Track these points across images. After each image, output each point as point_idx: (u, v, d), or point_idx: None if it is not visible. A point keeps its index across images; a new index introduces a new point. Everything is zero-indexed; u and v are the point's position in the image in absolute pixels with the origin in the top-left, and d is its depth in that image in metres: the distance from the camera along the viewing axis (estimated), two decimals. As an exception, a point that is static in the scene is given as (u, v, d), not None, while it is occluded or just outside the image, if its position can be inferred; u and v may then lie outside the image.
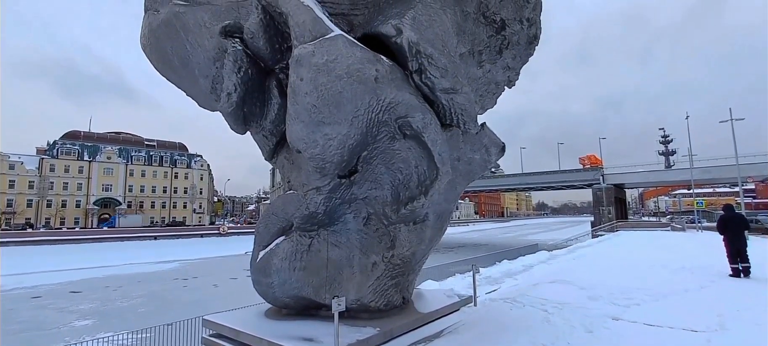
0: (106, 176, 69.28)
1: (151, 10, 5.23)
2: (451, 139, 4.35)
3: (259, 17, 4.10)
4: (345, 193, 4.11)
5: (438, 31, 3.86)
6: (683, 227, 29.51)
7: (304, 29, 3.58)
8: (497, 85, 5.22)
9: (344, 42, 3.50)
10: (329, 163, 3.78)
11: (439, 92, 3.94)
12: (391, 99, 3.63)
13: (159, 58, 5.34)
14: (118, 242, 49.68)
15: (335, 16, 4.14)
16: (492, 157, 4.98)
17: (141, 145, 77.00)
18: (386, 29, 3.72)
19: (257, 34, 4.20)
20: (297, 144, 3.77)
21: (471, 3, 4.29)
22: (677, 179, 48.00)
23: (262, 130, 4.86)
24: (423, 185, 4.10)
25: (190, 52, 4.96)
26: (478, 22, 4.47)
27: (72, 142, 68.25)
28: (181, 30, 4.88)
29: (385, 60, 3.62)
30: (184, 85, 5.61)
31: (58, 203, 64.06)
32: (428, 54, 3.73)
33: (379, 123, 3.72)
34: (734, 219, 8.84)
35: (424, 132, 3.82)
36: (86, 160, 67.61)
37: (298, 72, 3.55)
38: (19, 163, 62.20)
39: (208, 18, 4.65)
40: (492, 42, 4.69)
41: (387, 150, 3.95)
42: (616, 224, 38.72)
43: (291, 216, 4.29)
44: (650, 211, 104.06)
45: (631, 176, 49.26)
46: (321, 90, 3.45)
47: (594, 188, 48.88)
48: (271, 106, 4.64)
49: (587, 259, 12.49)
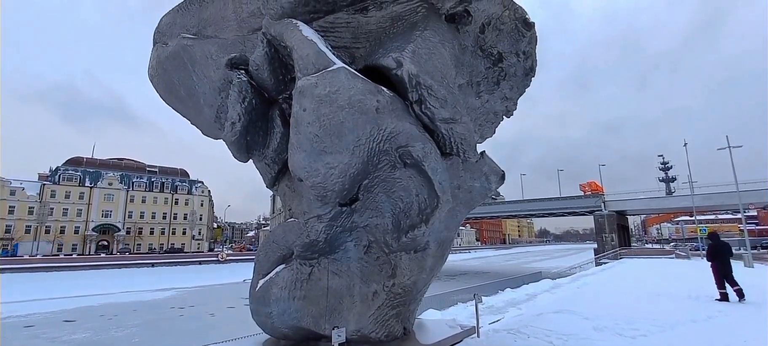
0: (107, 202, 69.20)
1: (160, 43, 5.43)
2: (451, 168, 4.39)
3: (265, 50, 4.25)
4: (346, 221, 4.12)
5: (437, 63, 3.99)
6: (687, 254, 29.14)
7: (308, 62, 3.71)
8: (496, 115, 5.32)
9: (346, 74, 3.61)
10: (331, 191, 3.81)
11: (439, 122, 4.03)
12: (391, 129, 3.70)
13: (166, 89, 5.49)
14: (116, 269, 49.03)
15: (338, 49, 4.29)
16: (492, 185, 5.01)
17: (143, 172, 77.35)
18: (387, 62, 3.84)
19: (262, 66, 4.34)
20: (299, 173, 3.82)
21: (468, 37, 4.45)
22: (679, 206, 47.78)
23: (264, 158, 4.93)
24: (424, 213, 4.11)
25: (196, 82, 5.11)
26: (475, 54, 4.62)
27: (74, 168, 68.63)
28: (189, 62, 5.05)
29: (386, 91, 3.73)
30: (189, 114, 5.74)
31: (56, 229, 63.67)
32: (428, 85, 3.84)
33: (380, 152, 3.77)
34: (722, 247, 9.50)
35: (424, 161, 3.87)
36: (87, 186, 67.72)
37: (301, 102, 3.65)
38: (20, 189, 62.28)
39: (214, 50, 4.82)
40: (489, 73, 4.83)
41: (388, 179, 3.99)
42: (619, 251, 38.27)
43: (291, 244, 4.28)
44: (653, 238, 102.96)
45: (632, 203, 49.09)
46: (323, 120, 3.53)
47: (596, 215, 48.63)
48: (274, 135, 4.72)
49: (591, 288, 12.28)
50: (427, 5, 4.12)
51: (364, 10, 4.28)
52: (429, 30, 4.02)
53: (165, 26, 5.36)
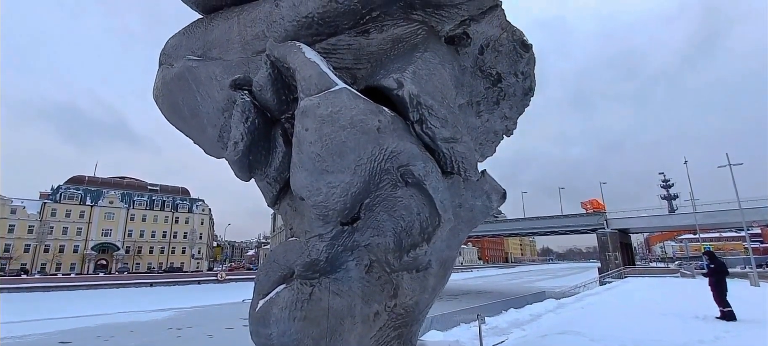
0: (107, 220, 69.05)
1: (166, 64, 5.54)
2: (453, 187, 4.41)
3: (268, 71, 4.33)
4: (347, 240, 4.11)
5: (437, 83, 4.05)
6: (692, 273, 28.75)
7: (310, 83, 3.78)
8: (496, 134, 5.37)
9: (348, 94, 3.67)
10: (332, 210, 3.82)
11: (440, 141, 4.06)
12: (393, 148, 3.73)
13: (170, 109, 5.57)
14: (114, 288, 48.50)
15: (340, 70, 4.38)
16: (493, 203, 5.01)
17: (144, 190, 77.48)
18: (388, 82, 3.91)
19: (265, 86, 4.41)
20: (301, 192, 3.83)
21: (468, 58, 4.54)
22: (682, 224, 47.44)
23: (266, 177, 4.95)
24: (425, 232, 4.10)
25: (200, 103, 5.18)
26: (475, 75, 4.70)
27: (76, 187, 68.80)
28: (193, 83, 5.13)
29: (387, 111, 3.78)
30: (192, 134, 5.80)
31: (55, 248, 63.32)
32: (428, 105, 3.89)
33: (382, 171, 3.80)
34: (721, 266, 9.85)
35: (425, 180, 3.89)
36: (88, 204, 67.70)
37: (304, 122, 3.70)
38: (20, 208, 62.27)
39: (219, 72, 4.91)
40: (489, 94, 4.90)
41: (389, 197, 4.00)
42: (623, 270, 37.79)
43: (292, 264, 4.26)
44: (657, 256, 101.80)
45: (635, 221, 48.79)
46: (325, 140, 3.57)
47: (598, 233, 48.25)
48: (276, 154, 4.75)
49: (596, 307, 12.09)
50: (427, 28, 4.22)
51: (365, 32, 4.38)
52: (429, 52, 4.11)
53: (171, 48, 5.48)
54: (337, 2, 4.11)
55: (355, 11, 4.14)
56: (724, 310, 9.08)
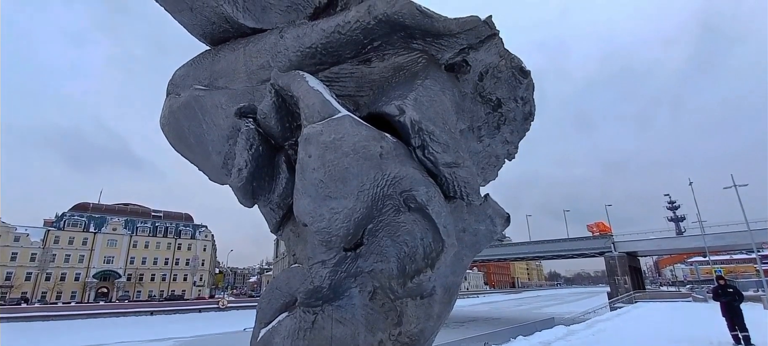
0: (110, 247, 68.85)
1: (173, 93, 5.68)
2: (456, 211, 4.40)
3: (272, 100, 4.43)
4: (350, 266, 4.08)
5: (438, 109, 4.13)
6: (705, 297, 27.99)
7: (314, 111, 3.86)
8: (497, 158, 5.41)
9: (351, 121, 3.74)
10: (335, 236, 3.81)
11: (442, 166, 4.10)
12: (395, 173, 3.77)
13: (176, 137, 5.67)
14: (114, 317, 47.78)
15: (342, 98, 4.47)
16: (497, 227, 4.99)
17: (147, 216, 77.58)
18: (390, 109, 3.99)
19: (270, 114, 4.50)
20: (304, 218, 3.85)
21: (468, 84, 4.63)
22: (691, 246, 46.59)
23: (269, 203, 4.97)
24: (429, 258, 4.07)
25: (206, 130, 5.28)
26: (475, 100, 4.78)
27: (80, 214, 69.03)
28: (199, 111, 5.25)
29: (389, 137, 3.84)
30: (197, 161, 5.88)
31: (56, 275, 62.89)
32: (430, 131, 3.95)
33: (384, 197, 3.82)
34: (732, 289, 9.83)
35: (428, 205, 3.90)
36: (92, 231, 67.70)
37: (307, 149, 3.75)
38: (24, 236, 62.33)
39: (224, 100, 5.03)
40: (490, 119, 4.97)
41: (392, 223, 4.00)
42: (634, 294, 36.87)
43: (295, 291, 4.21)
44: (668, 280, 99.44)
45: (643, 244, 47.99)
46: (328, 166, 3.61)
47: (606, 257, 47.42)
48: (279, 180, 4.80)
49: (608, 334, 11.76)
50: (427, 56, 4.34)
51: (367, 61, 4.50)
52: (430, 79, 4.21)
53: (179, 78, 5.63)
54: (339, 33, 4.25)
55: (357, 41, 4.27)
56: (742, 335, 8.89)
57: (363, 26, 4.16)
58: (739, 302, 9.35)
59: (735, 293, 9.50)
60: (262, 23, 4.94)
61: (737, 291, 9.64)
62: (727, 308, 9.38)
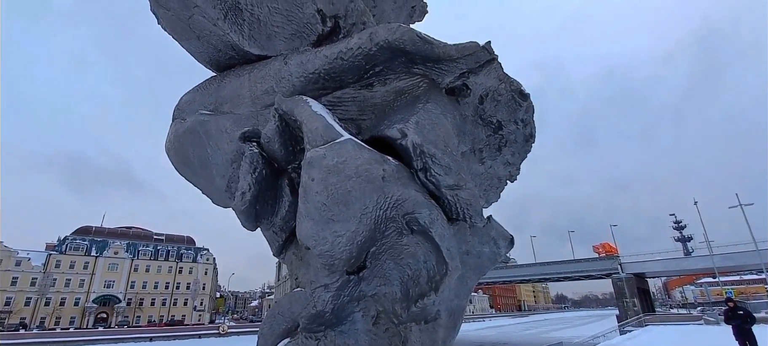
0: (110, 272, 68.33)
1: (179, 118, 5.79)
2: (459, 233, 4.39)
3: (276, 124, 4.51)
4: (353, 290, 4.04)
5: (440, 132, 4.18)
6: (717, 320, 27.26)
7: (317, 135, 3.92)
8: (500, 180, 5.43)
9: (353, 145, 3.79)
10: (338, 259, 3.80)
11: (444, 189, 4.11)
12: (398, 196, 3.78)
13: (181, 161, 5.75)
14: (112, 343, 46.91)
15: (345, 121, 4.54)
16: (501, 249, 4.96)
17: (149, 240, 77.31)
18: (392, 133, 4.04)
19: (273, 138, 4.57)
20: (306, 241, 3.85)
21: (468, 107, 4.71)
22: (699, 267, 45.73)
23: (272, 226, 4.98)
24: (433, 281, 4.03)
25: (210, 154, 5.36)
26: (476, 123, 4.85)
27: (82, 238, 68.91)
28: (204, 135, 5.34)
29: (391, 160, 3.88)
30: (201, 185, 5.93)
31: (56, 301, 62.21)
32: (432, 154, 3.99)
33: (387, 219, 3.82)
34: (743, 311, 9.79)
35: (431, 227, 3.89)
36: (93, 255, 67.38)
37: (310, 173, 3.79)
38: (25, 260, 62.06)
39: (229, 125, 5.12)
40: (491, 141, 5.02)
41: (395, 245, 3.98)
42: (643, 317, 35.99)
43: (297, 316, 4.16)
44: (678, 302, 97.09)
45: (650, 265, 47.17)
46: (331, 189, 3.64)
47: (613, 278, 46.56)
48: (282, 203, 4.82)
49: (617, 360, 11.40)
50: (428, 81, 4.43)
51: (369, 86, 4.60)
52: (431, 102, 4.28)
53: (185, 104, 5.76)
54: (342, 59, 4.36)
55: (359, 67, 4.38)
56: None
57: (365, 52, 4.28)
58: (750, 324, 9.16)
59: (746, 315, 9.33)
60: (266, 50, 5.08)
61: (748, 313, 9.46)
62: (738, 331, 9.17)
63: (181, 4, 5.07)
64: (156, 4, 5.31)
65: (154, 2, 5.32)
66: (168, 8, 5.23)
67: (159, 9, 5.34)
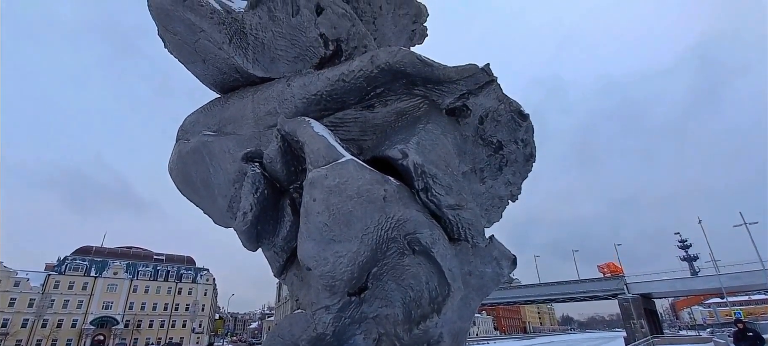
0: (109, 292, 67.50)
1: (183, 139, 5.86)
2: (461, 254, 4.36)
3: (279, 145, 4.55)
4: (355, 312, 3.99)
5: (440, 153, 4.21)
6: (727, 342, 26.57)
7: (319, 155, 3.95)
8: (501, 200, 5.43)
9: (355, 165, 3.82)
10: (339, 280, 3.77)
11: (446, 208, 4.12)
12: (399, 216, 3.78)
13: (183, 181, 5.78)
14: (108, 367, 45.84)
15: (346, 142, 4.59)
16: (504, 270, 4.91)
17: (149, 260, 76.72)
18: (393, 153, 4.08)
19: (275, 158, 4.61)
20: (308, 262, 3.83)
21: (469, 128, 4.76)
22: (706, 287, 44.87)
23: (273, 246, 4.96)
24: (435, 302, 3.99)
25: (213, 174, 5.39)
26: (476, 143, 4.89)
27: (82, 258, 68.39)
28: (207, 156, 5.39)
29: (392, 180, 3.89)
30: (203, 205, 5.94)
31: (53, 322, 61.26)
32: (433, 174, 4.01)
33: (389, 240, 3.81)
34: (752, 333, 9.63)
35: (432, 247, 3.88)
36: (92, 276, 66.74)
37: (312, 193, 3.81)
38: (24, 280, 61.45)
39: (232, 145, 5.17)
40: (491, 160, 5.05)
41: (397, 266, 3.96)
42: (652, 339, 35.13)
43: (298, 338, 4.10)
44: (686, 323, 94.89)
45: (657, 285, 46.34)
46: (332, 210, 3.64)
47: (620, 299, 45.70)
48: (284, 223, 4.81)
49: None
50: (428, 102, 4.50)
51: (370, 106, 4.67)
52: (431, 123, 4.34)
53: (189, 125, 5.83)
54: (344, 81, 4.44)
55: (360, 89, 4.45)
56: None
57: (366, 74, 4.36)
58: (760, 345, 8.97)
59: (756, 337, 9.13)
60: (270, 72, 5.18)
61: (758, 335, 9.26)
62: None
63: (188, 28, 5.20)
64: (163, 29, 5.45)
65: (161, 27, 5.46)
66: (175, 33, 5.37)
67: (166, 33, 5.48)
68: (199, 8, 4.96)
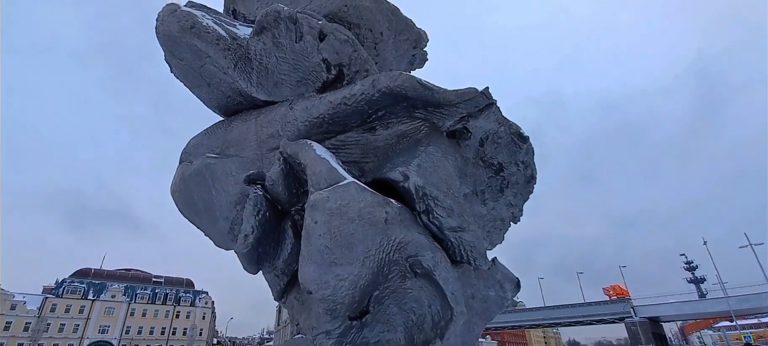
0: (107, 316, 66.36)
1: (186, 161, 5.91)
2: (463, 276, 4.31)
3: (281, 167, 4.59)
4: (356, 337, 3.92)
5: (441, 175, 4.24)
6: (740, 368, 25.80)
7: (320, 178, 3.98)
8: (503, 222, 5.41)
9: (356, 188, 3.84)
10: (340, 304, 3.72)
11: (447, 231, 4.10)
12: (401, 239, 3.77)
13: (185, 203, 5.79)
14: (102, 394, 44.59)
15: (348, 164, 4.62)
16: (507, 293, 4.84)
17: (148, 282, 75.75)
18: (394, 175, 4.10)
19: (278, 181, 4.63)
20: (308, 285, 3.79)
21: (470, 150, 4.80)
22: (715, 310, 43.92)
23: (274, 269, 4.92)
24: (438, 327, 3.91)
25: (215, 196, 5.41)
26: (477, 165, 4.91)
27: (80, 280, 67.57)
28: (210, 178, 5.42)
29: (394, 203, 3.90)
30: (204, 226, 5.93)
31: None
32: (434, 196, 4.02)
33: (390, 262, 3.78)
34: None
35: (434, 270, 3.84)
36: (90, 298, 65.78)
37: (313, 215, 3.81)
38: (21, 303, 60.56)
39: (235, 168, 5.21)
40: (492, 182, 5.06)
41: (399, 289, 3.92)
42: (661, 365, 34.08)
43: (297, 364, 4.02)
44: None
45: (664, 308, 45.43)
46: (334, 232, 3.64)
47: (627, 323, 44.72)
48: (285, 246, 4.79)
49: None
50: (429, 124, 4.56)
51: (372, 129, 4.73)
52: (432, 146, 4.38)
53: (192, 147, 5.89)
54: (346, 105, 4.52)
55: (362, 112, 4.52)
56: None
57: (368, 98, 4.44)
58: None
59: None
60: (273, 96, 5.28)
61: None
62: None
63: (194, 54, 5.34)
64: (170, 55, 5.59)
65: (168, 53, 5.60)
66: (182, 58, 5.50)
67: (173, 59, 5.62)
68: (206, 35, 5.10)
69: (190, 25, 5.16)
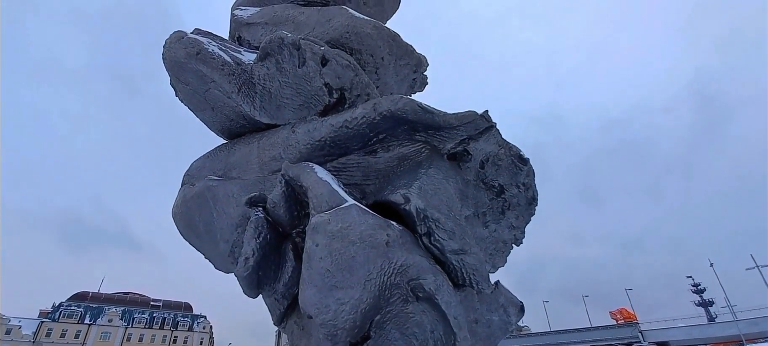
0: (102, 341, 65.19)
1: (188, 183, 5.95)
2: (466, 300, 4.26)
3: (282, 189, 4.61)
4: (356, 363, 3.84)
5: (443, 197, 4.25)
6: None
7: (322, 200, 4.00)
8: (505, 244, 5.38)
9: (357, 210, 3.85)
10: (341, 329, 3.66)
11: (449, 253, 4.08)
12: (402, 262, 3.75)
13: (186, 225, 5.80)
14: None
15: (349, 186, 4.65)
16: (511, 317, 4.76)
17: (146, 306, 74.73)
18: (395, 198, 4.12)
19: (279, 203, 4.65)
20: (309, 309, 3.75)
21: (470, 172, 4.83)
22: (725, 334, 42.78)
23: (274, 293, 4.88)
24: (440, 353, 3.84)
25: (216, 219, 5.41)
26: (478, 187, 4.93)
27: (77, 304, 66.74)
28: (211, 200, 5.44)
29: (395, 225, 3.90)
30: (204, 249, 5.91)
31: (42, 375, 58.59)
32: (435, 218, 4.02)
33: (392, 286, 3.75)
34: None
35: (436, 294, 3.80)
36: (86, 323, 64.75)
37: (314, 238, 3.81)
38: (16, 328, 59.60)
39: (236, 190, 5.24)
40: (494, 204, 5.07)
41: (400, 313, 3.86)
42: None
43: (297, 392, 3.92)
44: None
45: (673, 332, 44.37)
46: (335, 255, 3.63)
47: (635, 348, 43.52)
48: (285, 269, 4.76)
49: None
50: (429, 147, 4.61)
51: (373, 152, 4.78)
52: (433, 168, 4.41)
53: (195, 170, 5.95)
54: (347, 128, 4.58)
55: (363, 135, 4.58)
56: None
57: (369, 121, 4.50)
58: None
59: None
60: (276, 119, 5.36)
61: None
62: None
63: (199, 79, 5.46)
64: (176, 80, 5.72)
65: (174, 78, 5.73)
66: (187, 83, 5.62)
67: (178, 84, 5.74)
68: (211, 60, 5.24)
69: (196, 52, 5.30)
